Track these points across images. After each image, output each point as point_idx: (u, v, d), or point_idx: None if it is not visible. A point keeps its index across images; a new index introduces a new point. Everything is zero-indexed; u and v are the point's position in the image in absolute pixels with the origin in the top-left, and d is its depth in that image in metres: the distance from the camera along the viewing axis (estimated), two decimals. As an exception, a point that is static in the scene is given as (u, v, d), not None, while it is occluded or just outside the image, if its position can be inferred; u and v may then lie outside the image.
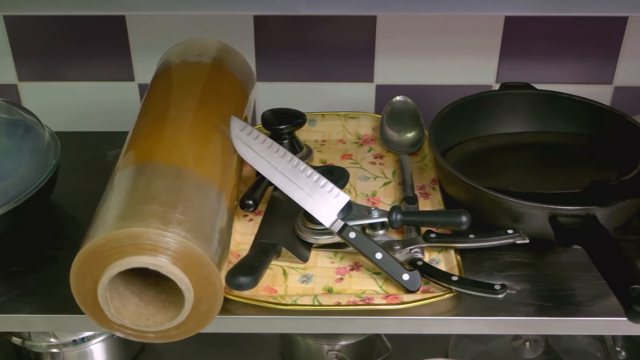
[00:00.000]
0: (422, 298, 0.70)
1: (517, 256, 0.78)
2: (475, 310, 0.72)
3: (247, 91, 0.90)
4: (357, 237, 0.74)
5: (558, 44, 1.05)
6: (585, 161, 0.88)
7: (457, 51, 1.06)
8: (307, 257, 0.77)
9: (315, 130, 0.98)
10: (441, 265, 0.76)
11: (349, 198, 0.76)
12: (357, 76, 1.08)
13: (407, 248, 0.76)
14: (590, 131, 0.91)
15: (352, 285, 0.74)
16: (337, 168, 0.82)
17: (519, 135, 0.93)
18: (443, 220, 0.76)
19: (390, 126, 0.96)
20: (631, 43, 1.04)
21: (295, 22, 1.04)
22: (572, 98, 0.92)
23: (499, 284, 0.70)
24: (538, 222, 0.74)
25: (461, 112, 0.91)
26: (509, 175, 0.86)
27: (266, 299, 0.70)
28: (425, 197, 0.86)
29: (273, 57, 1.07)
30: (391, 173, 0.90)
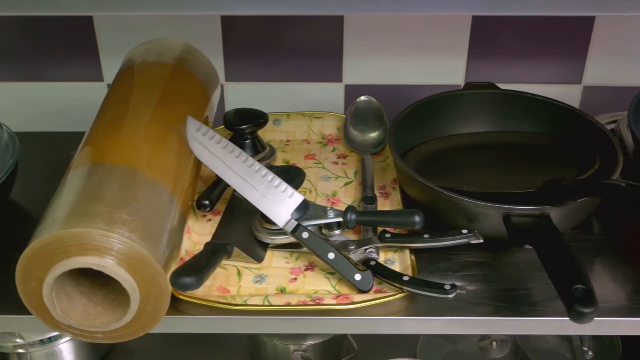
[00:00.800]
0: (373, 298, 0.70)
1: (473, 256, 0.78)
2: (429, 310, 0.72)
3: (209, 92, 0.90)
4: (310, 237, 0.74)
5: (527, 44, 1.05)
6: (547, 161, 0.88)
7: (425, 51, 1.05)
8: (263, 258, 0.77)
9: (281, 130, 0.98)
10: (396, 266, 0.76)
11: (304, 198, 0.76)
12: (326, 76, 1.08)
13: (362, 248, 0.76)
14: (553, 131, 0.91)
15: (305, 285, 0.74)
16: (293, 168, 0.82)
17: (482, 135, 0.93)
18: (397, 221, 0.76)
19: (355, 126, 0.96)
20: (599, 43, 1.04)
21: (264, 23, 1.04)
22: (535, 98, 0.92)
23: (449, 284, 0.70)
24: (493, 222, 0.74)
25: (424, 112, 0.91)
26: (469, 175, 0.86)
27: (218, 299, 0.70)
28: (386, 198, 0.86)
29: (242, 57, 1.07)
30: (353, 173, 0.90)
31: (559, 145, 0.90)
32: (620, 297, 0.73)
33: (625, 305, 0.72)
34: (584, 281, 0.62)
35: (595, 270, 0.77)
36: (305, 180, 0.89)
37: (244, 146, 0.89)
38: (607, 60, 1.06)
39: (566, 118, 0.90)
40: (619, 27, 1.03)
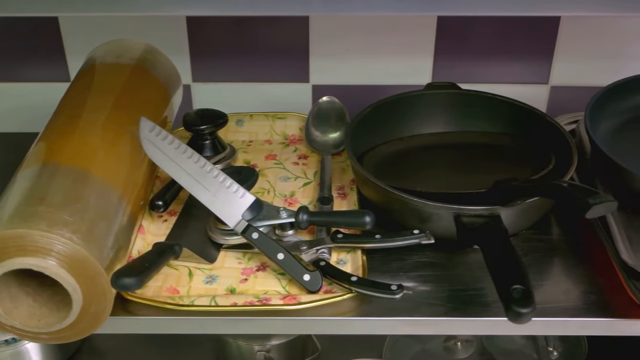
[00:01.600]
0: (320, 299, 0.70)
1: (425, 256, 0.78)
2: (380, 311, 0.72)
3: (169, 93, 0.90)
4: (260, 238, 0.74)
5: (494, 44, 1.05)
6: (505, 161, 0.88)
7: (392, 51, 1.05)
8: (215, 258, 0.77)
9: (243, 130, 0.98)
10: (348, 266, 0.76)
11: (255, 198, 0.76)
12: (293, 76, 1.08)
13: (314, 248, 0.76)
14: (513, 131, 0.91)
15: (255, 285, 0.74)
16: (246, 168, 0.82)
17: (443, 135, 0.93)
18: (347, 221, 0.76)
19: (316, 127, 0.96)
20: (565, 43, 1.04)
21: (230, 23, 1.04)
22: (495, 98, 0.92)
23: (396, 284, 0.70)
24: (444, 222, 0.74)
25: (384, 112, 0.91)
26: (426, 175, 0.86)
27: (166, 300, 0.70)
28: (343, 198, 0.86)
29: (209, 58, 1.07)
30: (313, 174, 0.90)
31: (518, 144, 0.90)
32: (571, 297, 0.73)
33: (576, 305, 0.72)
34: (523, 281, 0.61)
35: (548, 270, 0.77)
36: (264, 181, 0.89)
37: (204, 146, 0.89)
38: (573, 60, 1.05)
39: (526, 118, 0.89)
40: (584, 27, 1.03)
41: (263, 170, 0.91)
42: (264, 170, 0.91)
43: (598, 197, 0.61)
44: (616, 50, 1.04)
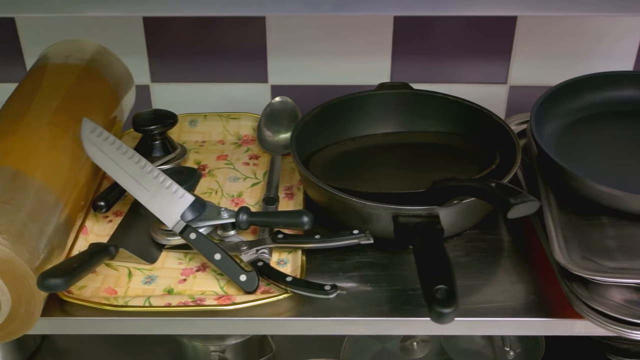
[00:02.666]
0: (255, 299, 0.70)
1: (367, 257, 0.78)
2: (318, 311, 0.71)
3: (119, 94, 0.90)
4: (197, 238, 0.74)
5: (453, 44, 1.05)
6: (453, 161, 0.88)
7: (351, 51, 1.05)
8: (155, 259, 0.77)
9: (196, 130, 0.98)
10: (288, 266, 0.76)
11: (194, 198, 0.76)
12: (252, 77, 1.08)
13: (254, 249, 0.76)
14: (463, 130, 0.91)
15: (193, 286, 0.74)
16: (188, 168, 0.82)
17: (395, 135, 0.93)
18: (286, 221, 0.76)
19: (269, 127, 0.96)
20: (522, 42, 1.04)
21: (189, 24, 1.04)
22: (446, 97, 0.92)
23: (330, 284, 0.70)
24: (384, 222, 0.74)
25: (334, 112, 0.91)
26: (374, 175, 0.86)
27: (102, 301, 0.70)
28: (290, 198, 0.86)
29: (168, 58, 1.07)
30: (262, 174, 0.90)
31: (468, 144, 0.89)
32: (509, 297, 0.73)
33: (514, 305, 0.72)
34: (447, 282, 0.61)
35: (489, 270, 0.77)
36: (213, 181, 0.89)
37: (153, 147, 0.90)
38: (531, 60, 1.05)
39: (476, 117, 0.89)
40: (540, 26, 1.03)
41: (213, 171, 0.91)
42: (214, 171, 0.91)
43: (519, 197, 0.61)
44: (574, 50, 1.04)
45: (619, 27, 1.03)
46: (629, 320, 0.65)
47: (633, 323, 0.65)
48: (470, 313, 0.71)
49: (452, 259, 0.76)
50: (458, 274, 0.74)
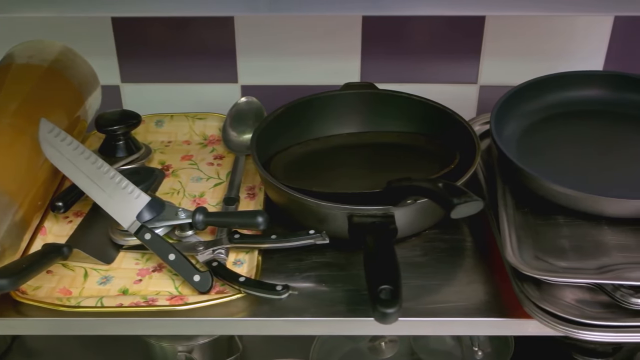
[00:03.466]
0: (208, 299, 0.70)
1: (324, 257, 0.78)
2: (272, 311, 0.71)
3: (83, 95, 0.91)
4: (152, 239, 0.74)
5: (423, 44, 1.05)
6: (416, 161, 0.87)
7: (321, 51, 1.05)
8: (112, 259, 0.77)
9: (162, 131, 0.98)
10: (244, 266, 0.76)
11: (150, 199, 0.76)
12: (222, 77, 1.08)
13: (210, 249, 0.76)
14: (427, 130, 0.91)
15: (149, 286, 0.74)
16: (146, 168, 0.82)
17: (360, 135, 0.93)
18: (241, 221, 0.76)
19: (234, 127, 0.96)
20: (491, 42, 1.04)
21: (158, 24, 1.04)
22: (411, 97, 0.92)
23: (282, 284, 0.70)
24: (341, 222, 0.74)
25: (298, 112, 0.91)
26: (335, 175, 0.86)
27: (54, 301, 0.70)
28: (252, 198, 0.86)
29: (138, 58, 1.07)
30: (225, 174, 0.90)
31: (431, 144, 0.89)
32: (463, 297, 0.73)
33: (468, 305, 0.72)
34: (392, 282, 0.61)
35: (446, 270, 0.77)
36: (176, 181, 0.89)
37: (117, 147, 0.90)
38: (500, 59, 1.05)
39: (438, 117, 0.89)
40: (509, 26, 1.03)
41: (177, 171, 0.91)
42: (178, 171, 0.91)
43: (463, 197, 0.61)
44: (544, 50, 1.04)
45: (589, 27, 1.03)
46: (577, 320, 0.65)
47: (581, 323, 0.65)
48: (423, 313, 0.71)
49: (409, 259, 0.77)
50: (414, 274, 0.76)
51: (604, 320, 0.65)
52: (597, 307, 0.67)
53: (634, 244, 0.72)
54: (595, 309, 0.67)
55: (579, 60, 1.05)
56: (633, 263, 0.68)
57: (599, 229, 0.74)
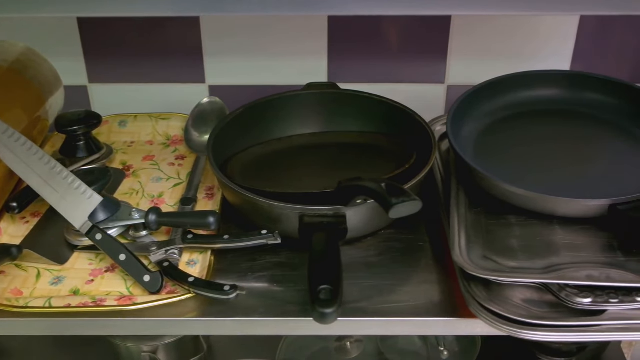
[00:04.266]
0: (157, 299, 0.70)
1: (278, 257, 0.78)
2: (221, 311, 0.71)
3: (44, 95, 0.91)
4: (103, 239, 0.74)
5: (390, 44, 1.05)
6: (375, 160, 0.87)
7: (290, 52, 1.05)
8: (66, 259, 0.77)
9: (126, 131, 0.98)
10: (197, 266, 0.76)
11: (102, 199, 0.76)
12: (190, 77, 1.08)
13: (163, 249, 0.76)
14: (389, 130, 0.91)
15: (100, 287, 0.74)
16: (100, 169, 0.82)
17: (322, 135, 0.93)
18: (192, 222, 0.76)
19: (196, 128, 0.96)
20: (457, 42, 1.04)
21: (124, 24, 1.04)
22: (372, 97, 0.92)
23: (230, 284, 0.70)
24: (294, 223, 0.74)
25: (259, 112, 0.91)
26: (295, 176, 0.86)
27: (3, 302, 0.70)
28: (210, 199, 0.86)
29: (106, 58, 1.07)
30: (186, 174, 0.90)
31: (391, 144, 0.89)
32: (413, 297, 0.72)
33: (418, 305, 0.72)
34: (331, 282, 0.61)
35: (399, 270, 0.76)
36: (136, 182, 0.89)
37: (78, 147, 0.90)
38: (466, 59, 1.05)
39: (399, 117, 0.89)
40: (474, 26, 1.03)
41: (137, 171, 0.91)
42: (138, 171, 0.91)
43: (401, 197, 0.61)
44: (511, 50, 1.04)
45: (555, 26, 1.03)
46: (522, 320, 0.65)
47: (526, 323, 0.65)
48: (373, 313, 0.71)
49: (364, 259, 0.77)
50: (367, 273, 0.76)
51: (550, 320, 0.65)
52: (544, 307, 0.67)
53: (583, 244, 0.72)
54: (542, 308, 0.67)
55: (546, 59, 1.05)
56: (579, 263, 0.68)
57: (550, 229, 0.74)
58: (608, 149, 0.82)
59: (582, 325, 0.64)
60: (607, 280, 0.65)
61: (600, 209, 0.72)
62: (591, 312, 0.65)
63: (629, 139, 0.83)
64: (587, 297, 0.65)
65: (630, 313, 0.65)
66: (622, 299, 0.65)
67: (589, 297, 0.65)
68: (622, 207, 0.70)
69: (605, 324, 0.64)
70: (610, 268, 0.68)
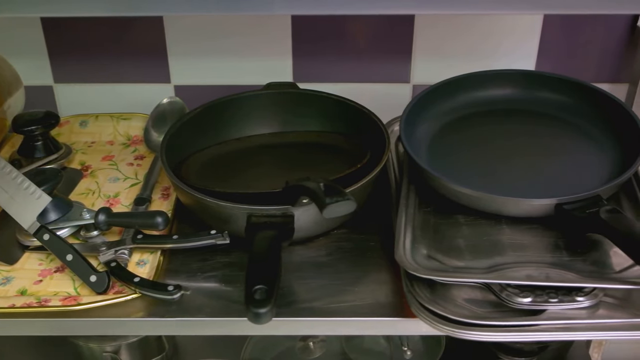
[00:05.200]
0: (102, 299, 0.71)
1: (229, 257, 0.78)
2: (163, 311, 0.71)
3: (2, 96, 0.91)
4: (50, 239, 0.74)
5: (355, 43, 1.05)
6: (332, 160, 0.87)
7: (255, 51, 1.05)
8: (15, 259, 0.77)
9: (87, 131, 0.98)
10: (147, 266, 0.76)
11: (51, 199, 0.76)
12: (156, 77, 1.07)
13: (113, 249, 0.76)
14: (346, 130, 0.91)
15: (48, 287, 0.74)
16: (52, 169, 0.82)
17: (280, 135, 0.93)
18: (141, 222, 0.76)
19: (155, 128, 0.96)
20: (421, 41, 1.03)
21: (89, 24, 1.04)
22: (330, 97, 0.92)
23: (174, 284, 0.70)
24: (242, 223, 0.74)
25: (218, 112, 0.91)
26: (251, 176, 0.86)
27: (-50, 302, 0.71)
28: (165, 199, 0.86)
29: (71, 58, 1.07)
30: (144, 174, 0.90)
31: (348, 143, 0.89)
32: (359, 297, 0.73)
33: (360, 305, 0.72)
34: (267, 282, 0.61)
35: (346, 270, 0.76)
36: (93, 182, 0.89)
37: (35, 148, 0.90)
38: (430, 58, 1.05)
39: (357, 116, 0.89)
40: (438, 25, 1.03)
41: (95, 172, 0.91)
42: (96, 171, 0.91)
43: (334, 197, 0.61)
44: (473, 48, 1.04)
45: (520, 25, 1.03)
46: (461, 320, 0.65)
47: (465, 323, 0.65)
48: (318, 313, 0.71)
49: (313, 259, 0.77)
50: (315, 273, 0.76)
51: (491, 320, 0.65)
52: (486, 306, 0.67)
53: (529, 244, 0.71)
54: (485, 308, 0.67)
55: (511, 58, 1.05)
56: (523, 262, 0.68)
57: (498, 228, 0.74)
58: (561, 148, 0.82)
59: (521, 325, 0.64)
60: (546, 280, 0.65)
61: (547, 209, 0.71)
62: (531, 311, 0.65)
63: (583, 139, 0.83)
64: (527, 296, 0.65)
65: (569, 313, 0.65)
66: (562, 299, 0.65)
67: (529, 297, 0.65)
68: (568, 207, 0.70)
69: (543, 323, 0.64)
70: (553, 268, 0.67)
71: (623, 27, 1.03)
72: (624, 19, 1.02)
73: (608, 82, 1.07)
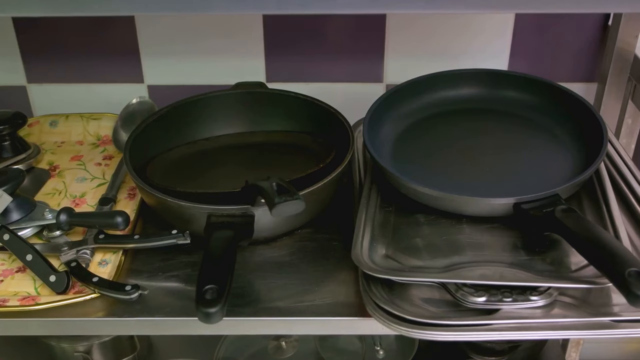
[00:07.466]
0: (61, 299, 0.71)
1: (191, 257, 0.78)
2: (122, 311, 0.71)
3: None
4: (10, 239, 0.74)
5: (328, 43, 1.05)
6: (299, 159, 0.87)
7: (228, 51, 1.05)
8: (-23, 260, 0.77)
9: (56, 131, 0.98)
10: (109, 266, 0.76)
11: (11, 199, 0.76)
12: (129, 77, 1.08)
13: (74, 249, 0.76)
14: (314, 129, 0.91)
15: (9, 287, 0.74)
16: (14, 169, 0.82)
17: (248, 134, 0.93)
18: (102, 222, 0.76)
19: (124, 128, 0.96)
20: (394, 41, 1.04)
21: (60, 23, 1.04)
22: (297, 97, 0.92)
23: (131, 284, 0.70)
24: (203, 222, 0.74)
25: (186, 112, 0.91)
26: (217, 176, 0.86)
27: None
28: (131, 199, 0.86)
29: (44, 58, 1.07)
30: (111, 175, 0.90)
31: (315, 143, 0.89)
32: (318, 297, 0.72)
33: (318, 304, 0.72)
34: (218, 282, 0.61)
35: (306, 270, 0.76)
36: (60, 182, 0.89)
37: (3, 148, 0.90)
38: (403, 58, 1.05)
39: (324, 116, 0.89)
40: (410, 25, 1.03)
41: (63, 172, 0.91)
42: (64, 172, 0.91)
43: (283, 197, 0.61)
44: (445, 48, 1.04)
45: (491, 24, 1.03)
46: (415, 320, 0.64)
47: (420, 323, 0.64)
48: (276, 312, 0.71)
49: (276, 259, 0.77)
50: (276, 273, 0.76)
51: (446, 320, 0.65)
52: (442, 306, 0.67)
53: (488, 243, 0.71)
54: (441, 308, 0.67)
55: (483, 58, 1.05)
56: (480, 262, 0.68)
57: (458, 227, 0.74)
58: (525, 148, 0.82)
59: (474, 324, 0.64)
60: (500, 279, 0.65)
61: (506, 208, 0.71)
62: (487, 311, 0.65)
63: (547, 138, 0.83)
64: (482, 296, 0.65)
65: (523, 312, 0.65)
66: (516, 298, 0.65)
67: (484, 297, 0.65)
68: (526, 206, 0.70)
69: (497, 323, 0.64)
70: (509, 267, 0.67)
71: (594, 27, 1.03)
72: (595, 18, 1.02)
73: (580, 81, 1.07)
